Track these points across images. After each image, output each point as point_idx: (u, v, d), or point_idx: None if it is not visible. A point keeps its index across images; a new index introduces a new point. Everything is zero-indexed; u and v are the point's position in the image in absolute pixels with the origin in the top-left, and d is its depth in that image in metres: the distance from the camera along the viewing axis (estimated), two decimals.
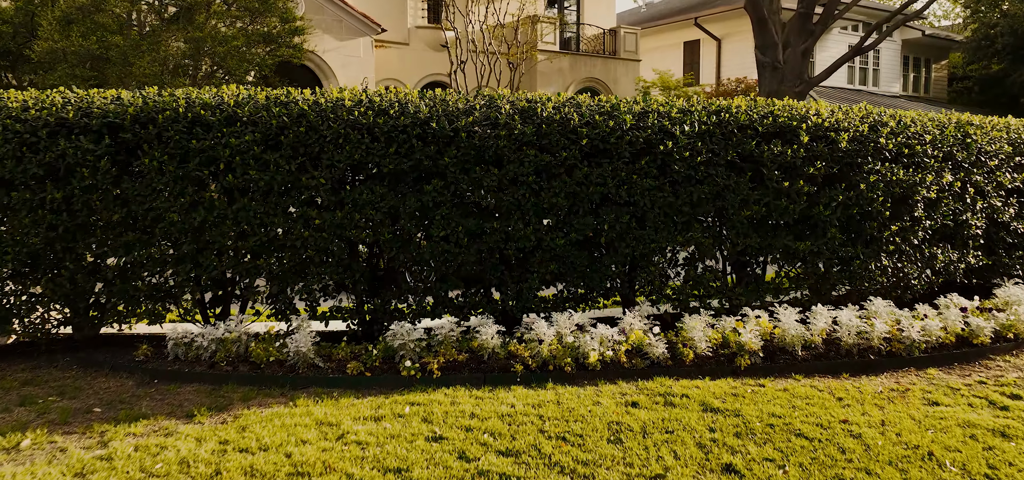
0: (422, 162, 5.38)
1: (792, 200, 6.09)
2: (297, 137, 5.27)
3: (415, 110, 5.41)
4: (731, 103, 6.20)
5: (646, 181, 5.68)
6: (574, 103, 5.84)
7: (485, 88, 20.50)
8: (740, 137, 5.96)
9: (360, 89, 5.62)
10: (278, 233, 5.35)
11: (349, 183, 5.51)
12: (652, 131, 5.71)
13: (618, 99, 6.07)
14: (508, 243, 5.56)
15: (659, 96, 22.61)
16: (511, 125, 5.45)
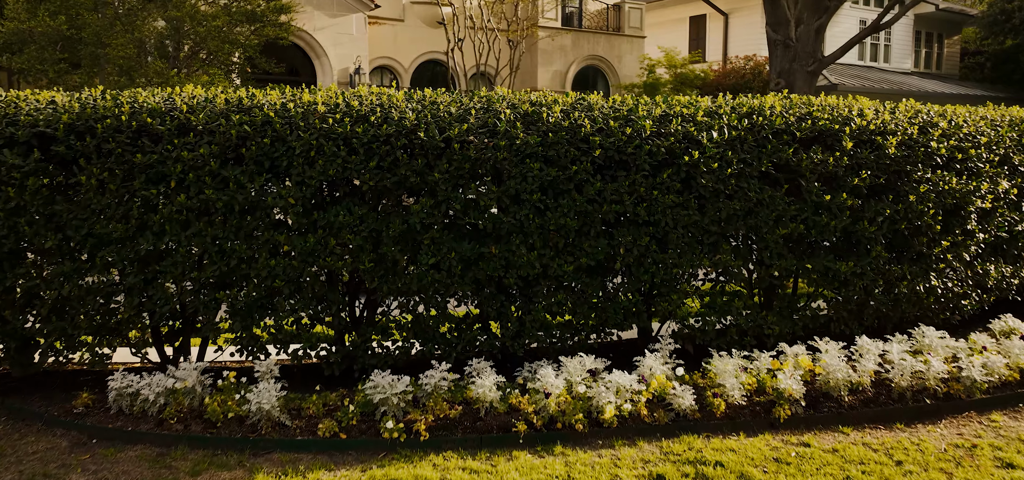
0: (408, 178, 4.60)
1: (834, 215, 5.32)
2: (261, 149, 4.49)
3: (400, 117, 4.62)
4: (763, 102, 5.41)
5: (669, 197, 4.91)
6: (585, 105, 5.05)
7: (483, 66, 19.63)
8: (775, 144, 5.18)
9: (337, 91, 4.83)
10: (241, 261, 4.59)
11: (323, 203, 4.73)
12: (675, 139, 4.92)
13: (635, 99, 5.28)
14: (509, 271, 4.80)
15: (665, 75, 21.75)
16: (512, 134, 4.67)
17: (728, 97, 5.70)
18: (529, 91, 5.47)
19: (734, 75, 23.42)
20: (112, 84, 12.44)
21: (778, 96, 5.75)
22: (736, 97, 5.51)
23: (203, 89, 4.88)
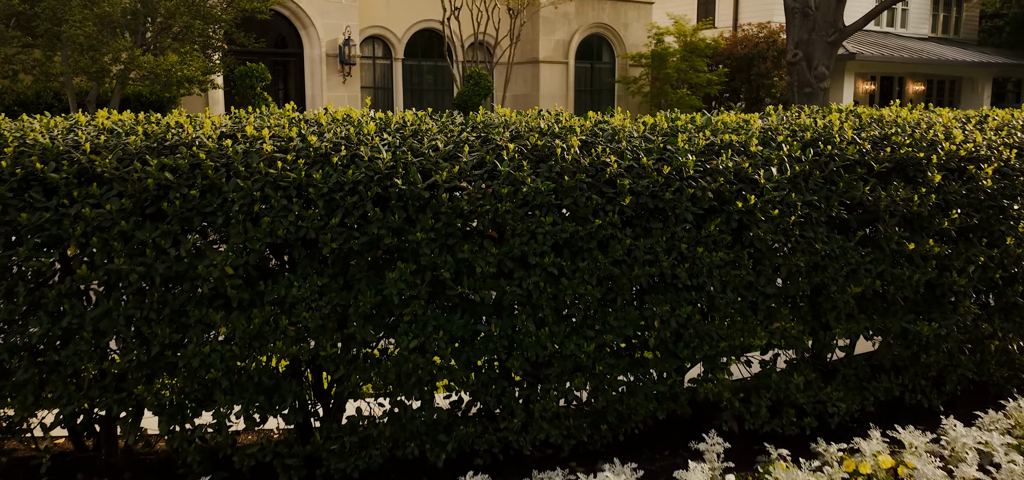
0: (382, 238, 3.53)
1: (917, 266, 4.28)
2: (189, 203, 3.41)
3: (372, 157, 3.54)
4: (830, 124, 4.33)
5: (717, 254, 3.85)
6: (608, 133, 3.97)
7: (482, 36, 18.38)
8: (848, 180, 4.11)
9: (288, 124, 3.73)
10: (165, 348, 3.54)
11: (272, 271, 3.67)
12: (725, 179, 3.84)
13: (670, 122, 4.20)
14: (513, 352, 3.76)
15: (674, 44, 20.49)
16: (517, 178, 3.59)
17: (783, 117, 4.62)
18: (537, 110, 4.38)
19: (746, 44, 22.16)
20: (74, 65, 11.28)
21: (843, 113, 4.67)
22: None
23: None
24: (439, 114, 4.25)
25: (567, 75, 20.46)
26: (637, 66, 20.91)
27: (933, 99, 30.78)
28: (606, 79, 21.45)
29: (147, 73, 11.05)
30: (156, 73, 11.01)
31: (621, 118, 4.32)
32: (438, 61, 19.56)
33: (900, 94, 29.72)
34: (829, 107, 4.92)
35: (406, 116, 4.05)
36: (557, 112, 4.36)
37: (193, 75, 11.36)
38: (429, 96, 20.00)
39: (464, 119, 4.09)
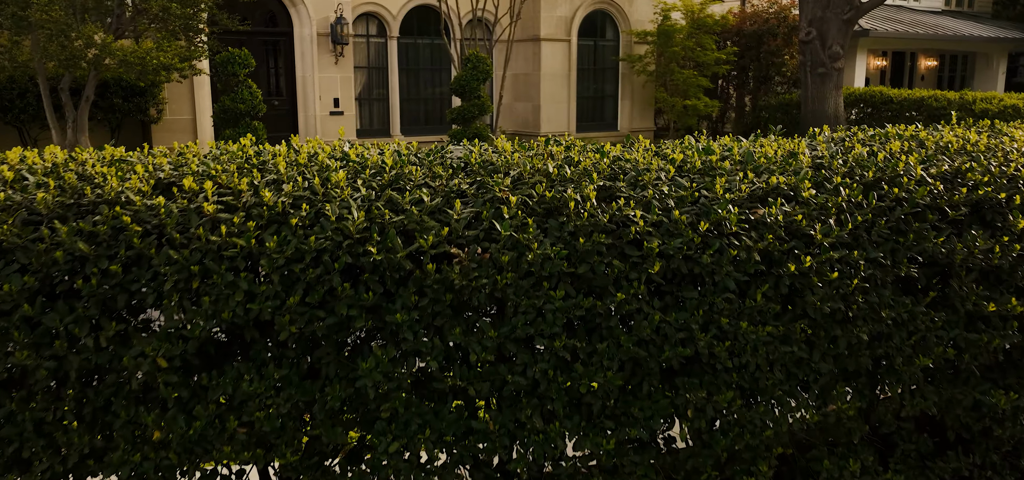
0: (353, 318, 2.84)
1: (996, 329, 3.60)
2: (110, 279, 2.72)
3: (340, 217, 2.84)
4: (893, 159, 3.62)
5: (764, 329, 3.16)
6: (631, 177, 3.27)
7: (482, 12, 17.54)
8: (918, 230, 3.42)
9: (238, 171, 3.02)
10: (84, 457, 2.86)
11: (216, 360, 2.98)
12: (774, 235, 3.15)
13: (703, 155, 3.50)
14: (513, 453, 3.09)
15: (680, 20, 19.64)
16: (521, 243, 2.89)
17: (834, 146, 3.91)
18: (544, 141, 3.67)
19: (756, 20, 21.31)
20: (43, 51, 10.51)
21: (904, 141, 3.97)
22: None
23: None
24: (429, 152, 3.54)
25: (569, 53, 19.63)
26: (642, 43, 20.07)
27: (945, 74, 29.93)
28: (610, 57, 20.61)
29: (120, 60, 10.29)
30: (129, 61, 10.25)
31: (644, 150, 3.61)
32: (435, 39, 18.73)
33: (912, 70, 28.86)
34: (886, 133, 4.22)
35: (385, 156, 3.35)
36: (568, 144, 3.65)
37: (170, 62, 10.60)
38: (425, 76, 19.19)
39: (456, 166, 3.38)
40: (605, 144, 3.68)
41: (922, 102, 17.95)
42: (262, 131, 11.52)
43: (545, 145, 3.70)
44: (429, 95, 19.32)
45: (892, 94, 18.74)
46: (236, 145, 3.43)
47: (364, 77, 18.41)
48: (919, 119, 18.00)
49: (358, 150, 3.57)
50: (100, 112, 14.20)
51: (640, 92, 20.88)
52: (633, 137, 13.63)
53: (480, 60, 14.00)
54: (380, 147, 3.62)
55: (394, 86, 18.60)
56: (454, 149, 3.77)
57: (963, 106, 17.11)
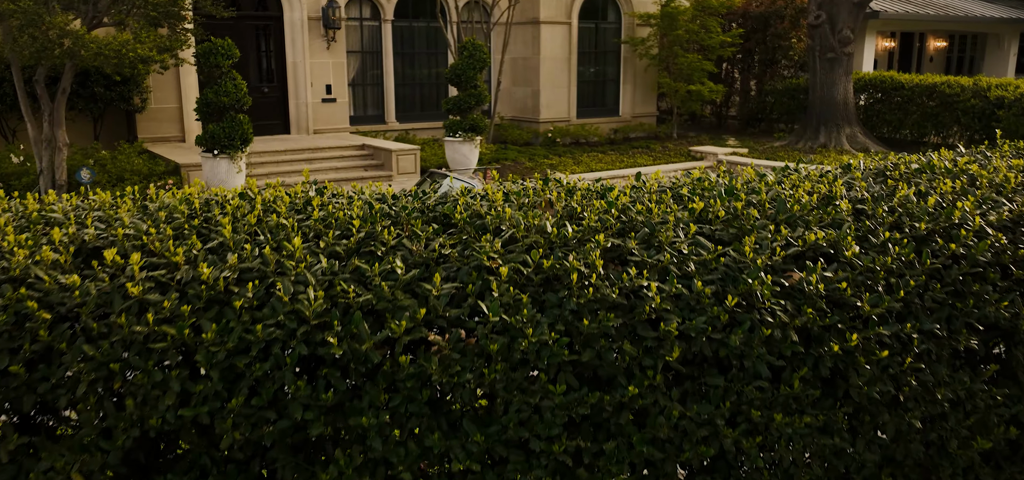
0: (310, 422, 2.35)
1: None
2: (11, 381, 2.23)
3: (294, 296, 2.35)
4: (945, 195, 3.12)
5: (802, 420, 2.67)
6: (643, 235, 2.77)
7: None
8: (979, 293, 2.93)
9: (173, 242, 2.52)
10: None
11: (145, 469, 2.49)
12: (814, 309, 2.65)
13: (728, 188, 3.00)
14: None
15: (685, 3, 18.99)
16: (513, 327, 2.40)
17: (875, 184, 3.41)
18: (542, 184, 3.17)
19: (762, 2, 20.67)
20: (13, 42, 9.95)
21: (956, 179, 3.47)
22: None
23: None
24: (405, 201, 3.03)
25: (570, 36, 19.02)
26: (645, 26, 19.45)
27: (954, 56, 29.29)
28: (611, 40, 19.99)
29: (95, 52, 9.73)
30: (105, 54, 9.70)
31: (656, 194, 3.11)
32: (431, 22, 18.12)
33: (921, 51, 28.22)
34: (931, 163, 3.71)
35: (354, 206, 2.84)
36: (569, 187, 3.15)
37: (148, 55, 10.04)
38: (421, 60, 18.59)
39: (438, 217, 2.88)
40: (614, 185, 3.18)
41: (935, 88, 17.38)
42: (248, 125, 10.99)
43: (544, 186, 3.20)
44: (425, 80, 18.74)
45: (903, 80, 18.16)
46: (181, 194, 2.93)
47: (357, 62, 17.82)
48: (932, 106, 17.44)
49: (325, 197, 3.07)
50: (81, 101, 13.66)
51: (642, 76, 20.29)
52: (635, 122, 13.09)
53: (477, 48, 13.42)
54: (350, 194, 3.13)
55: (389, 71, 18.02)
56: (439, 185, 3.25)
57: (978, 93, 16.55)
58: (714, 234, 2.93)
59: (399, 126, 18.14)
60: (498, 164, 15.94)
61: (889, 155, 4.15)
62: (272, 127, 16.53)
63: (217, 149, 10.85)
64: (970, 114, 16.59)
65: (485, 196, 3.02)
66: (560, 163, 16.25)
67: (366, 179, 14.15)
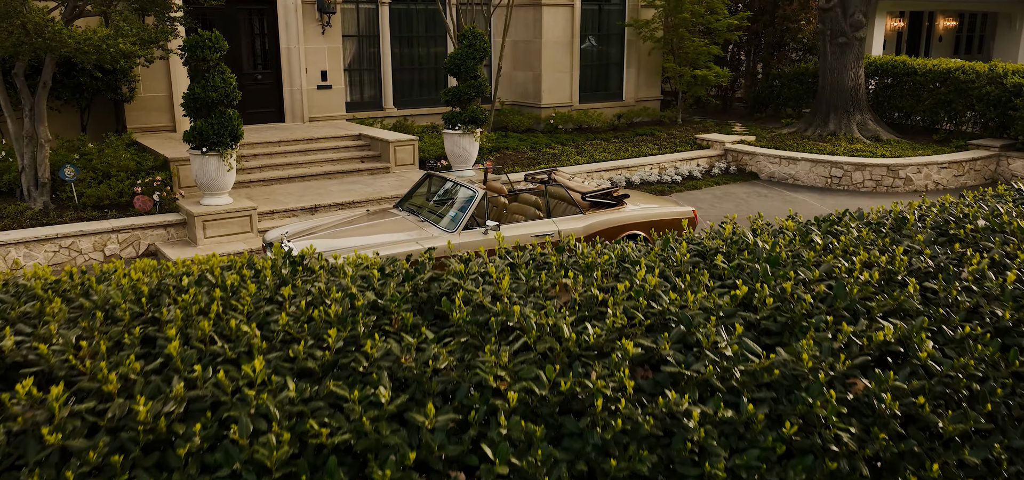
0: None
1: None
2: None
3: (252, 435, 1.89)
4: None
5: None
6: (677, 332, 2.31)
7: None
8: None
9: (104, 351, 2.07)
10: None
11: None
12: (887, 434, 2.20)
13: (775, 262, 2.54)
14: None
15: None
16: (527, 471, 1.95)
17: (945, 252, 2.95)
18: (555, 260, 2.71)
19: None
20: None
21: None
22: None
23: None
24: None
25: (572, 18, 18.41)
26: (649, 8, 18.85)
27: (964, 36, 28.66)
28: (615, 22, 19.39)
29: (73, 48, 9.20)
30: (84, 49, 9.17)
31: (689, 263, 2.65)
32: (430, 4, 17.52)
33: (930, 31, 27.59)
34: (999, 218, 3.24)
35: (331, 302, 2.38)
36: (589, 261, 2.68)
37: (130, 49, 9.51)
38: (420, 45, 18.00)
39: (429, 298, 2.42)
40: (641, 262, 2.71)
41: (949, 74, 16.83)
42: (238, 121, 10.47)
43: (559, 262, 2.73)
44: (424, 64, 18.17)
45: (916, 65, 17.59)
46: (127, 281, 2.46)
47: (354, 47, 17.24)
48: (944, 92, 16.90)
49: (300, 273, 2.61)
50: (66, 91, 13.12)
51: (647, 60, 19.71)
52: (638, 107, 12.51)
53: (477, 37, 12.86)
54: (331, 268, 2.66)
55: (386, 56, 17.44)
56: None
57: (993, 79, 16.00)
58: (760, 323, 2.48)
59: (397, 112, 17.60)
60: (498, 153, 15.44)
61: (945, 198, 3.68)
62: (266, 115, 16.00)
63: (206, 146, 10.35)
64: (985, 101, 16.06)
65: (487, 276, 2.56)
66: (562, 152, 15.74)
67: (362, 171, 13.66)
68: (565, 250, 2.84)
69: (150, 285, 2.46)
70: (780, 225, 3.31)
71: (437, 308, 2.46)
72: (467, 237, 7.87)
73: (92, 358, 2.06)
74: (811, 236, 3.11)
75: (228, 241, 10.48)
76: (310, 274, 2.64)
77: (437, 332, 2.45)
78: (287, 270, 2.58)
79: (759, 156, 15.76)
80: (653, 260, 2.80)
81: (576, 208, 8.79)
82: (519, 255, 2.79)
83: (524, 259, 2.74)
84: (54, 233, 9.84)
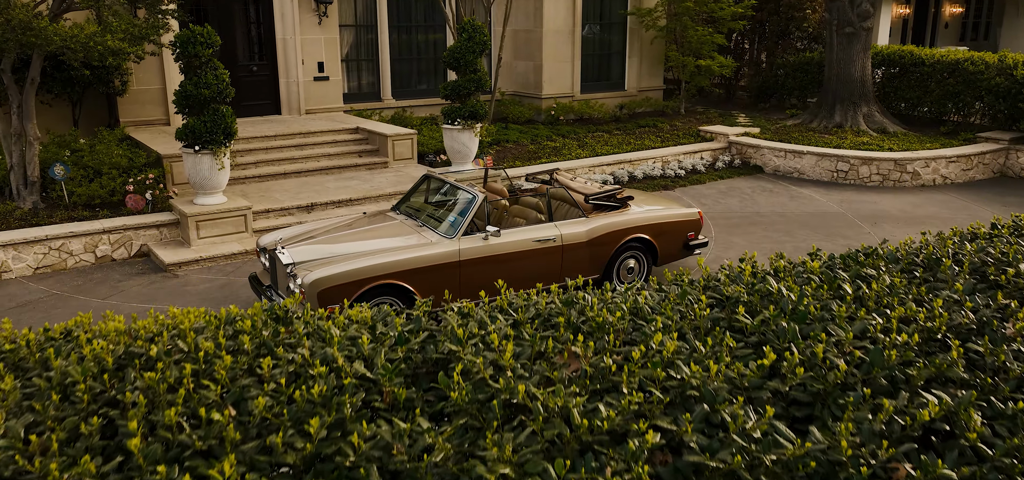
0: None
1: None
2: None
3: None
4: None
5: None
6: (701, 411, 2.07)
7: None
8: None
9: None
10: None
11: None
12: None
13: (799, 311, 2.30)
14: None
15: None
16: None
17: (991, 315, 2.71)
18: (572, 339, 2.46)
19: None
20: None
21: None
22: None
23: None
24: None
25: (574, 7, 18.09)
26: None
27: (970, 21, 28.31)
28: (617, 11, 19.06)
29: (59, 46, 8.93)
30: (71, 47, 8.90)
31: (709, 318, 2.41)
32: None
33: (936, 18, 27.24)
34: None
35: (316, 366, 2.14)
36: (598, 321, 2.44)
37: (117, 46, 9.23)
38: (419, 34, 17.69)
39: None
40: (657, 320, 2.47)
41: (957, 66, 16.52)
42: (231, 118, 10.21)
43: (567, 320, 2.49)
44: (423, 55, 17.87)
45: (924, 55, 17.28)
46: (90, 349, 2.22)
47: (351, 37, 16.94)
48: (952, 84, 16.61)
49: (285, 337, 2.37)
50: (57, 85, 12.85)
51: (649, 49, 19.39)
52: (640, 97, 12.22)
53: (477, 30, 12.57)
54: (318, 329, 2.42)
55: (384, 46, 17.14)
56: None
57: (1003, 71, 15.71)
58: (789, 394, 2.24)
59: (395, 103, 17.32)
60: (498, 147, 15.18)
61: (975, 226, 3.44)
62: (262, 107, 15.73)
63: (198, 145, 10.10)
64: (994, 93, 15.77)
65: (489, 346, 2.32)
66: (564, 145, 15.47)
67: (360, 167, 13.40)
68: (573, 305, 2.60)
69: (116, 353, 2.22)
70: (804, 266, 3.07)
71: (434, 382, 2.23)
72: (467, 243, 7.64)
73: (43, 454, 1.82)
74: (839, 282, 2.86)
75: (222, 242, 10.24)
76: (295, 335, 2.40)
77: (434, 402, 2.23)
78: (268, 331, 2.34)
79: (764, 149, 15.49)
80: (670, 315, 2.56)
81: (579, 211, 8.55)
82: (523, 311, 2.55)
83: (529, 315, 2.51)
84: (44, 234, 9.60)
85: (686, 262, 9.30)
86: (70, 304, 8.62)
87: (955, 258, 3.07)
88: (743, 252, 10.06)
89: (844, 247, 10.62)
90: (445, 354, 2.30)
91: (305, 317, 2.53)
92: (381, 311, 2.65)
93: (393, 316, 2.65)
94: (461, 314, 2.57)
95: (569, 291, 2.79)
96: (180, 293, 8.90)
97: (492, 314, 2.50)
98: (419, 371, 2.34)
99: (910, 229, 11.46)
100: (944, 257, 3.06)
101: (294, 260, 7.27)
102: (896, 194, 13.71)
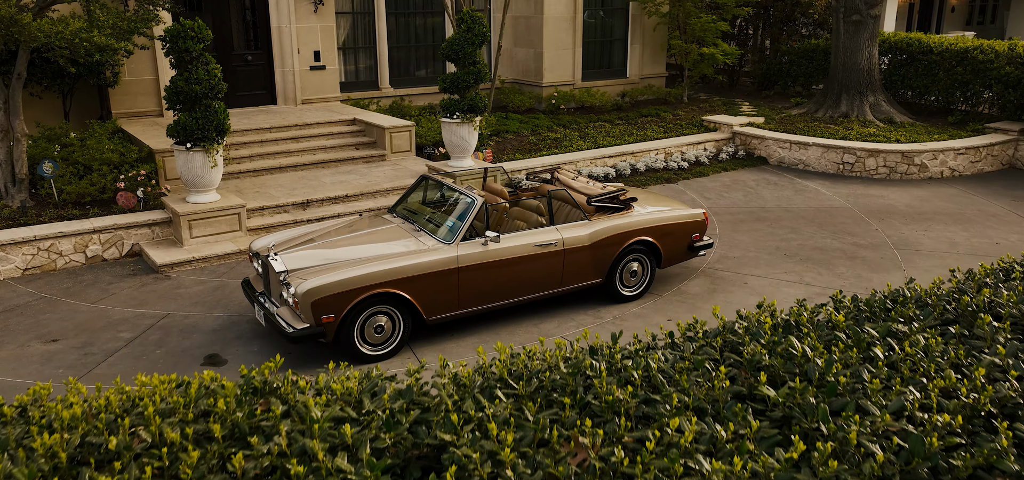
0: None
1: None
2: None
3: None
4: None
5: None
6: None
7: None
8: None
9: None
10: None
11: None
12: None
13: (829, 383, 2.07)
14: None
15: None
16: None
17: None
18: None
19: None
20: None
21: None
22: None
23: None
24: None
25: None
26: None
27: (977, 6, 27.92)
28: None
29: (44, 43, 8.65)
30: (55, 44, 8.62)
31: (729, 392, 2.18)
32: None
33: (942, 3, 26.85)
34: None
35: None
36: (608, 400, 2.21)
37: (104, 42, 8.95)
38: (417, 22, 17.35)
39: None
40: (672, 396, 2.24)
41: (966, 54, 16.21)
42: (224, 114, 9.94)
43: (573, 397, 2.26)
44: (422, 42, 17.55)
45: (932, 43, 16.96)
46: (41, 443, 1.99)
47: (348, 25, 16.61)
48: (961, 73, 16.30)
49: (261, 418, 2.14)
50: (47, 78, 12.56)
51: (651, 36, 19.06)
52: (643, 85, 11.93)
53: (476, 21, 12.25)
54: (300, 397, 2.19)
55: (382, 34, 16.82)
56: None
57: (1013, 60, 15.41)
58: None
59: (394, 92, 17.02)
60: (498, 138, 14.90)
61: (1007, 260, 3.20)
62: (257, 97, 15.43)
63: (190, 142, 9.84)
64: (1004, 82, 15.48)
65: (486, 431, 2.09)
66: (565, 136, 15.19)
67: (357, 160, 13.13)
68: (579, 373, 2.37)
69: (71, 443, 1.99)
70: (830, 319, 2.83)
71: (425, 473, 2.00)
72: (465, 249, 7.41)
73: None
74: (867, 341, 2.63)
75: (215, 241, 10.01)
76: (272, 417, 2.17)
77: None
78: (242, 412, 2.11)
79: (768, 140, 15.22)
80: (686, 387, 2.33)
81: (580, 213, 8.31)
82: (524, 383, 2.32)
83: (531, 389, 2.27)
84: (32, 235, 9.36)
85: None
86: (59, 308, 8.39)
87: (992, 309, 2.84)
88: (749, 250, 9.82)
89: (852, 245, 10.38)
90: (438, 443, 2.07)
91: (284, 390, 2.30)
92: (371, 379, 2.41)
93: (382, 380, 2.42)
94: (456, 384, 2.34)
95: (574, 351, 2.56)
96: (172, 296, 8.67)
97: (490, 389, 2.26)
98: (410, 456, 2.11)
99: (919, 226, 11.22)
100: (979, 306, 2.83)
101: (287, 268, 7.04)
102: (903, 187, 13.46)
